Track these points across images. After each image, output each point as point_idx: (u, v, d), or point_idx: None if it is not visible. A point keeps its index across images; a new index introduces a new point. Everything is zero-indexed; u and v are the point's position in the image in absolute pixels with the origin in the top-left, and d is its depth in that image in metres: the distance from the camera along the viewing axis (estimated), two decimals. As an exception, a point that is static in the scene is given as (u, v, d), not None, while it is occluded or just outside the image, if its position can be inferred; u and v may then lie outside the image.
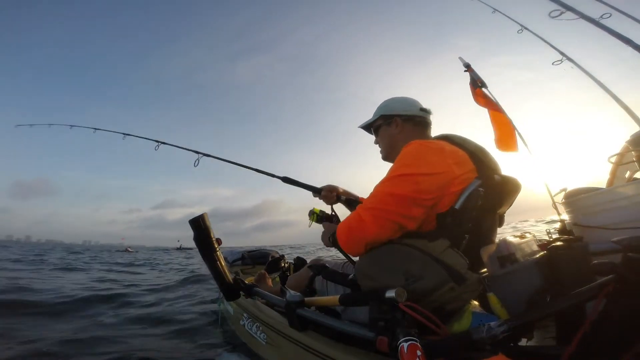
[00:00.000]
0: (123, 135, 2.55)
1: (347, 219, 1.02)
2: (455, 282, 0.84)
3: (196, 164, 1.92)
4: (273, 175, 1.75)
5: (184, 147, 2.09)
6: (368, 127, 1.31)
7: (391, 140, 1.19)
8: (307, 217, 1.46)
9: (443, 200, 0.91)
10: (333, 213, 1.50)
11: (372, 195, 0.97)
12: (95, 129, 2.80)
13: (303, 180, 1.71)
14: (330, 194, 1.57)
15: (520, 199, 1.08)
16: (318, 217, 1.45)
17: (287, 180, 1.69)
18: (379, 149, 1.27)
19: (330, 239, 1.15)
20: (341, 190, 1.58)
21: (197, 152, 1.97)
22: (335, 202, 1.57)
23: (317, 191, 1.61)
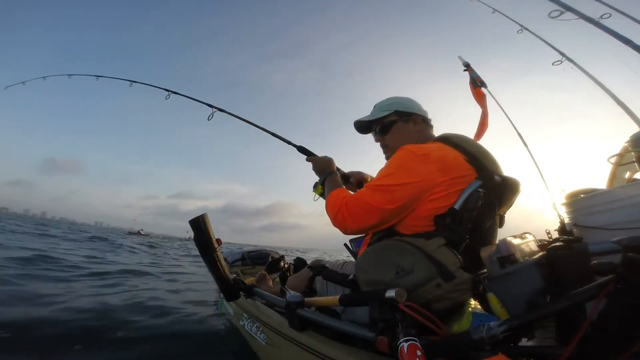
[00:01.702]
0: (130, 82, 2.43)
1: (334, 205, 1.04)
2: (443, 279, 0.85)
3: (210, 117, 1.86)
4: (289, 143, 1.64)
5: (197, 99, 2.00)
6: (366, 124, 1.25)
7: (407, 139, 1.14)
8: (321, 197, 1.38)
9: (422, 207, 0.94)
10: None
11: (357, 198, 1.01)
12: (98, 76, 2.75)
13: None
14: (358, 182, 1.49)
15: (534, 224, 1.10)
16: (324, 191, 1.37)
17: (303, 150, 1.55)
18: (384, 149, 1.22)
19: (320, 180, 1.31)
20: (369, 179, 1.49)
21: (210, 106, 1.88)
22: None
23: (344, 177, 1.50)
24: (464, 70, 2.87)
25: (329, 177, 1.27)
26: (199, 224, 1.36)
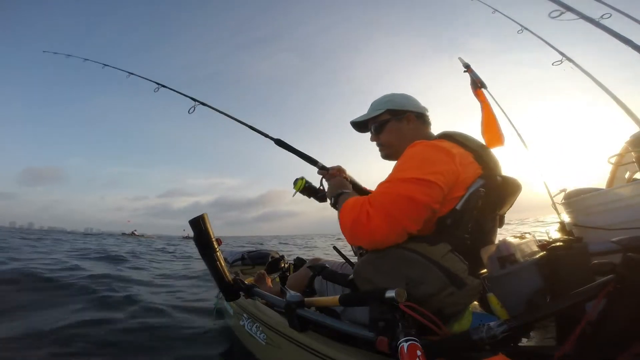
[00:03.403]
0: (128, 74, 2.54)
1: (353, 208, 0.92)
2: (456, 287, 0.83)
3: (191, 111, 1.91)
4: (266, 136, 1.58)
5: (182, 92, 2.07)
6: (364, 122, 1.21)
7: (401, 137, 1.11)
8: (301, 193, 1.37)
9: (445, 205, 0.90)
10: (321, 187, 1.38)
11: (382, 193, 0.90)
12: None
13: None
14: (339, 173, 1.36)
15: (520, 197, 1.08)
16: (304, 187, 1.38)
17: (280, 143, 1.48)
18: (379, 147, 1.20)
19: (332, 201, 1.17)
20: (349, 177, 1.38)
21: (193, 100, 1.92)
22: None
23: (323, 168, 1.38)
24: (464, 71, 2.87)
25: (348, 194, 1.14)
26: (199, 224, 1.36)
